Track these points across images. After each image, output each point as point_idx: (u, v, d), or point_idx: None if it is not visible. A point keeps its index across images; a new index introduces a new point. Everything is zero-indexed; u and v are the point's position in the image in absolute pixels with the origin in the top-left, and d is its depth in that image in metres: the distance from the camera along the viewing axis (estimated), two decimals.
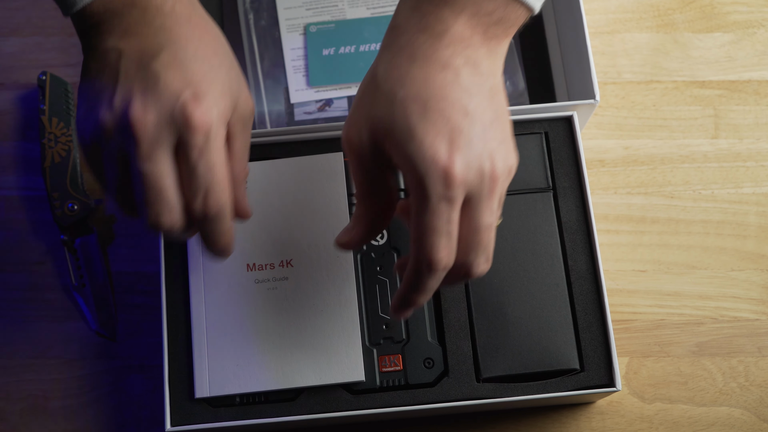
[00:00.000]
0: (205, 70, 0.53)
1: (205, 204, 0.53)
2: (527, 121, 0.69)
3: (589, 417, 0.72)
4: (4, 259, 0.76)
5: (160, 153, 0.52)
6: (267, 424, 0.64)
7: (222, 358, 0.64)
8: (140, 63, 0.52)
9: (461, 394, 0.64)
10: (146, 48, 0.53)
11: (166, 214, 0.53)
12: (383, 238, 0.67)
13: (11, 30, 0.82)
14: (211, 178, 0.53)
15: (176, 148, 0.52)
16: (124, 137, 0.51)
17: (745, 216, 0.77)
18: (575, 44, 0.73)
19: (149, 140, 0.51)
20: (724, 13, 0.82)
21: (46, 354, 0.74)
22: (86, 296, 0.74)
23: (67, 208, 0.75)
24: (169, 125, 0.51)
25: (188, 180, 0.52)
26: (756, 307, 0.75)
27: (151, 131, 0.51)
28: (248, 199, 0.67)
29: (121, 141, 0.52)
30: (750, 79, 0.81)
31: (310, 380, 0.63)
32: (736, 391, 0.72)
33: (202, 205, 0.53)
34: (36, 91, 0.80)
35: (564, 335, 0.64)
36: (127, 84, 0.52)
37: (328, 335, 0.64)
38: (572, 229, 0.66)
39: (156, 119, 0.51)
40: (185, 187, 0.53)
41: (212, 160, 0.52)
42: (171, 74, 0.52)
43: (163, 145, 0.51)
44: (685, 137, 0.79)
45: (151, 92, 0.52)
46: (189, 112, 0.51)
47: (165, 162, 0.52)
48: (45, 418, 0.72)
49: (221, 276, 0.65)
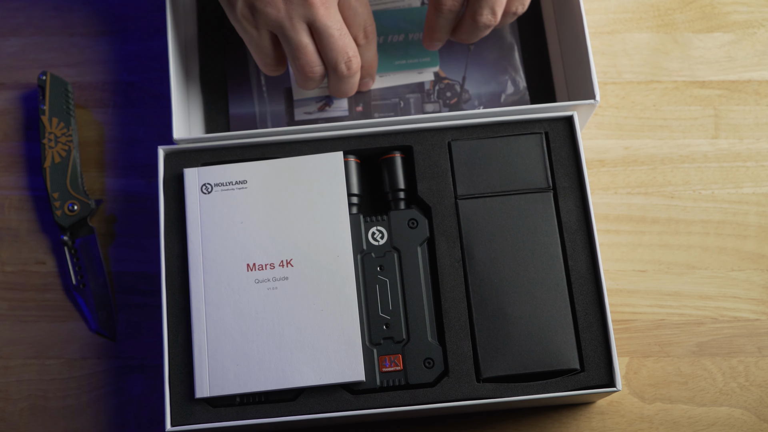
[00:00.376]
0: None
1: (365, 33, 0.69)
2: (527, 121, 0.69)
3: (589, 417, 0.72)
4: (4, 259, 0.76)
5: (334, 8, 0.66)
6: (267, 424, 0.64)
7: (222, 358, 0.64)
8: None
9: (461, 394, 0.64)
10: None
11: (354, 54, 0.67)
12: (384, 237, 0.67)
13: (11, 30, 0.82)
14: (366, 12, 0.69)
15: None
16: (303, 9, 0.64)
17: (745, 216, 0.77)
18: (575, 44, 0.73)
19: (326, 4, 0.65)
20: (724, 13, 0.82)
21: (46, 354, 0.74)
22: (86, 296, 0.75)
23: (67, 208, 0.75)
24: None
25: (353, 19, 0.68)
26: (756, 307, 0.75)
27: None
28: (248, 199, 0.67)
29: (303, 12, 0.65)
30: (750, 79, 0.81)
31: (310, 380, 0.63)
32: (736, 391, 0.72)
33: (363, 34, 0.69)
34: (36, 91, 0.80)
35: (564, 335, 0.64)
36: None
37: (328, 335, 0.64)
38: (572, 229, 0.66)
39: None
40: (351, 28, 0.68)
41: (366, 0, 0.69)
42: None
43: (335, 4, 0.66)
44: (685, 137, 0.79)
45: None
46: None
47: (339, 15, 0.67)
48: (45, 418, 0.72)
49: (221, 276, 0.65)
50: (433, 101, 0.76)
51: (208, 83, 0.77)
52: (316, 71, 0.67)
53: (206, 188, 0.67)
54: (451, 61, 0.77)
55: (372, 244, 0.67)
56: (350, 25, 0.68)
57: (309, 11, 0.64)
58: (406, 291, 0.66)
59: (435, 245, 0.66)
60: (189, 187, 0.68)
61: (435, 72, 0.77)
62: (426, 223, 0.67)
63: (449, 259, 0.66)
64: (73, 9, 0.83)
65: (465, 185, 0.68)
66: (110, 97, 0.80)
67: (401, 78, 0.76)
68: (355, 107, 0.76)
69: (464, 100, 0.76)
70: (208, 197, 0.67)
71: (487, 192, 0.67)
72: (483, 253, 0.66)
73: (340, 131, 0.69)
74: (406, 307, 0.65)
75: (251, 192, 0.67)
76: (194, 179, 0.68)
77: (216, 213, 0.67)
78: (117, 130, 0.79)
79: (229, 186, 0.67)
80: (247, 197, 0.67)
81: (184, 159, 0.69)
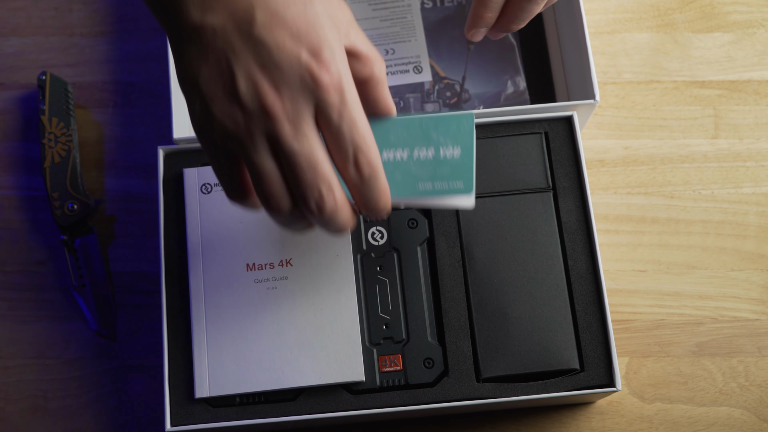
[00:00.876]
0: (301, 11, 0.50)
1: (357, 164, 0.51)
2: (527, 121, 0.69)
3: (589, 417, 0.72)
4: (4, 259, 0.76)
5: (307, 126, 0.49)
6: (267, 424, 0.64)
7: (222, 358, 0.64)
8: (242, 34, 0.49)
9: (461, 394, 0.64)
10: (237, 13, 0.49)
11: (328, 190, 0.50)
12: (383, 238, 0.67)
13: (11, 30, 0.82)
14: (356, 133, 0.50)
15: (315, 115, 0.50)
16: (264, 123, 0.49)
17: (745, 216, 0.77)
18: (575, 44, 0.73)
19: (292, 118, 0.49)
20: (724, 13, 0.82)
21: (46, 354, 0.74)
22: (86, 296, 0.75)
23: (67, 208, 0.75)
24: (303, 94, 0.49)
25: (335, 143, 0.50)
26: (756, 307, 0.75)
27: (290, 109, 0.49)
28: None
29: (264, 128, 0.49)
30: (750, 79, 0.81)
31: (310, 380, 0.63)
32: (736, 391, 0.72)
33: (354, 166, 0.51)
34: (36, 91, 0.80)
35: (564, 335, 0.64)
36: (241, 65, 0.49)
37: (328, 335, 0.64)
38: (572, 229, 0.66)
39: (290, 94, 0.49)
40: (333, 153, 0.51)
41: (355, 117, 0.50)
42: (278, 35, 0.49)
43: (305, 116, 0.49)
44: (685, 137, 0.79)
45: (271, 66, 0.49)
46: (317, 74, 0.49)
47: (313, 134, 0.50)
48: (45, 418, 0.72)
49: (221, 276, 0.65)
50: (433, 101, 0.76)
51: None
52: (283, 206, 0.51)
53: (206, 188, 0.67)
54: (451, 60, 0.77)
55: (372, 244, 0.67)
56: (332, 150, 0.51)
57: (271, 127, 0.49)
58: (406, 291, 0.66)
59: (435, 245, 0.66)
60: (189, 187, 0.68)
61: (435, 71, 0.77)
62: (426, 223, 0.67)
63: (449, 259, 0.66)
64: (73, 9, 0.83)
65: None
66: (110, 97, 0.80)
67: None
68: None
69: (464, 100, 0.76)
70: (208, 197, 0.67)
71: (487, 192, 0.67)
72: (483, 253, 0.66)
73: None
74: (405, 307, 0.65)
75: None
76: (194, 179, 0.68)
77: (216, 213, 0.67)
78: (117, 130, 0.79)
79: None
80: None
81: (183, 159, 0.69)
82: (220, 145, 0.51)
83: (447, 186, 0.58)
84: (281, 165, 0.50)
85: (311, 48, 0.49)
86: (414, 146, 0.58)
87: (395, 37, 0.78)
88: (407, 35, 0.78)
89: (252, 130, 0.49)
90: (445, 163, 0.59)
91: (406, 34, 0.78)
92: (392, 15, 0.79)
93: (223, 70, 0.49)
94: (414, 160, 0.58)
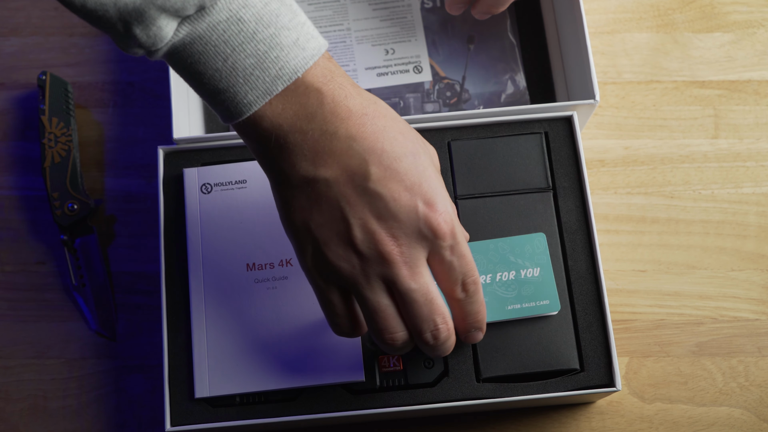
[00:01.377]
0: (412, 164, 0.53)
1: (465, 286, 0.56)
2: (527, 121, 0.69)
3: (589, 417, 0.72)
4: (4, 259, 0.76)
5: (423, 267, 0.54)
6: (267, 424, 0.64)
7: (222, 358, 0.64)
8: (356, 187, 0.52)
9: (461, 394, 0.64)
10: (352, 168, 0.52)
11: (443, 322, 0.55)
12: None
13: (11, 30, 0.82)
14: (466, 263, 0.55)
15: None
16: (381, 267, 0.53)
17: (745, 216, 0.77)
18: (575, 44, 0.73)
19: (409, 262, 0.53)
20: (724, 13, 0.82)
21: (46, 354, 0.74)
22: (86, 296, 0.74)
23: (67, 208, 0.75)
24: (420, 242, 0.53)
25: (447, 274, 0.55)
26: (756, 307, 0.75)
27: (407, 254, 0.53)
28: (248, 199, 0.67)
29: (381, 270, 0.53)
30: (750, 79, 0.81)
31: (310, 380, 0.63)
32: (736, 391, 0.72)
33: (462, 288, 0.56)
34: (36, 91, 0.80)
35: (564, 335, 0.64)
36: (356, 215, 0.52)
37: (328, 335, 0.64)
38: (572, 229, 0.66)
39: (407, 241, 0.53)
40: (443, 282, 0.56)
41: (463, 250, 0.55)
42: (393, 189, 0.52)
43: (422, 259, 0.54)
44: (685, 137, 0.79)
45: (388, 218, 0.53)
46: (435, 224, 0.53)
47: (427, 272, 0.54)
48: (45, 418, 0.72)
49: (221, 276, 0.65)
50: (433, 101, 0.76)
51: None
52: (398, 338, 0.55)
53: (206, 188, 0.67)
54: (451, 60, 0.77)
55: None
56: (443, 280, 0.56)
57: (388, 271, 0.53)
58: None
59: None
60: (189, 187, 0.68)
61: (435, 71, 0.77)
62: None
63: None
64: None
65: (465, 185, 0.67)
66: (110, 97, 0.80)
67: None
68: None
69: (464, 99, 0.76)
70: (208, 197, 0.67)
71: (487, 192, 0.67)
72: None
73: None
74: None
75: (251, 192, 0.67)
76: (194, 179, 0.68)
77: (216, 213, 0.67)
78: (117, 130, 0.79)
79: (228, 186, 0.67)
80: (246, 197, 0.67)
81: (183, 159, 0.69)
82: (335, 283, 0.55)
83: (534, 305, 0.64)
84: (395, 301, 0.54)
85: (425, 199, 0.53)
86: (496, 271, 0.64)
87: (395, 37, 0.78)
88: (407, 35, 0.78)
89: (368, 273, 0.53)
90: (528, 283, 0.64)
91: (406, 34, 0.78)
92: (392, 15, 0.79)
93: (336, 217, 0.53)
94: (498, 283, 0.64)
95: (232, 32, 0.50)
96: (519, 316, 0.63)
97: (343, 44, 0.78)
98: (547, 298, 0.64)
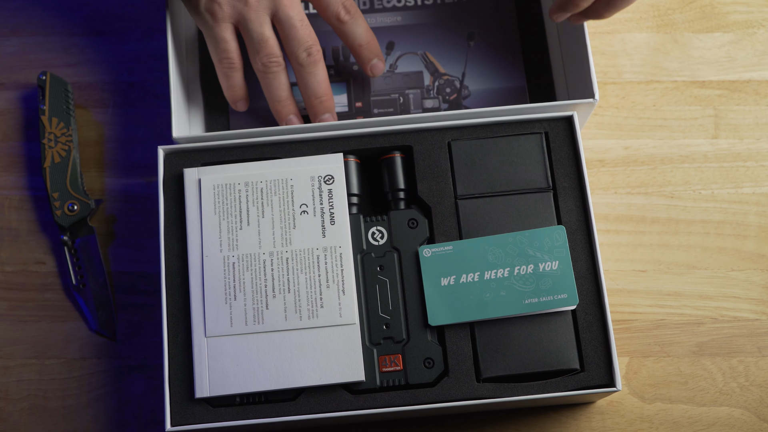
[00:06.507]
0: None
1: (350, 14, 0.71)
2: (527, 121, 0.69)
3: (589, 417, 0.72)
4: (4, 259, 0.76)
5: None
6: (267, 424, 0.64)
7: (222, 358, 0.64)
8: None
9: (461, 394, 0.64)
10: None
11: (316, 47, 0.70)
12: (383, 237, 0.67)
13: (11, 30, 0.82)
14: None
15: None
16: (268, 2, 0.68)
17: (745, 216, 0.77)
18: (575, 44, 0.73)
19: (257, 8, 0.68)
20: (724, 13, 0.82)
21: (46, 354, 0.74)
22: (86, 296, 0.74)
23: (67, 208, 0.75)
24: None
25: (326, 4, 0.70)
26: (756, 307, 0.75)
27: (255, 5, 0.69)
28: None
29: (267, 6, 0.68)
30: (750, 79, 0.81)
31: (310, 380, 0.63)
32: (736, 391, 0.72)
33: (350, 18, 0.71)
34: (36, 91, 0.80)
35: (564, 335, 0.64)
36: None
37: (328, 335, 0.64)
38: (572, 229, 0.66)
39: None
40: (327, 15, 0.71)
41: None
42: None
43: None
44: (685, 137, 0.79)
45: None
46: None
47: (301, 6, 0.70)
48: (45, 418, 0.72)
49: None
50: (433, 97, 0.76)
51: (208, 83, 0.77)
52: (275, 62, 0.69)
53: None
54: (450, 57, 0.77)
55: (372, 244, 0.67)
56: (325, 8, 0.70)
57: (274, 3, 0.68)
58: (406, 291, 0.66)
59: None
60: (189, 187, 0.68)
61: (434, 67, 0.77)
62: (426, 223, 0.67)
63: None
64: (73, 9, 0.83)
65: (465, 185, 0.68)
66: (110, 97, 0.80)
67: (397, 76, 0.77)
68: (355, 103, 0.76)
69: (464, 96, 0.76)
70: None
71: (487, 192, 0.67)
72: None
73: (340, 131, 0.69)
74: (406, 307, 0.65)
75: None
76: (194, 179, 0.68)
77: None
78: (117, 130, 0.79)
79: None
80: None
81: (184, 159, 0.69)
82: (225, 24, 0.69)
83: (552, 299, 0.63)
84: (278, 32, 0.69)
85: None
86: (514, 264, 0.64)
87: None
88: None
89: (258, 7, 0.68)
90: (546, 277, 0.64)
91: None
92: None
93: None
94: (515, 277, 0.64)
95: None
96: (536, 311, 0.63)
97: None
98: (565, 291, 0.63)
